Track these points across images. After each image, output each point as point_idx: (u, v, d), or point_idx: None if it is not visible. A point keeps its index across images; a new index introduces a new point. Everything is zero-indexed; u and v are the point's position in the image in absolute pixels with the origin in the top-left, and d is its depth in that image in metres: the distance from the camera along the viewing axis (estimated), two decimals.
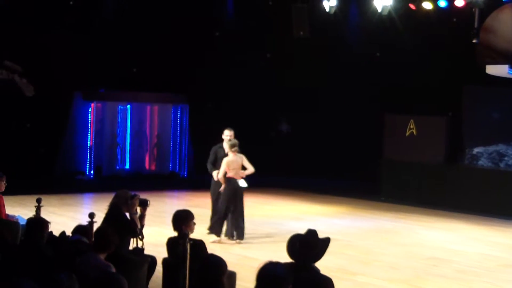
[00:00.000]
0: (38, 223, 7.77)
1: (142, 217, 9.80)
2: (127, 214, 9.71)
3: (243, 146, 14.02)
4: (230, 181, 13.75)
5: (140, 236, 9.67)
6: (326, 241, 6.29)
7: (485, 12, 17.51)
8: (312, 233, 6.27)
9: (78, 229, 8.39)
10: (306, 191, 21.86)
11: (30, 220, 7.86)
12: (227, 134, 14.15)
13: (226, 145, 13.97)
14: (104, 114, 24.28)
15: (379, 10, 19.15)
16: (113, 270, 6.45)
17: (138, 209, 9.83)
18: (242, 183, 13.82)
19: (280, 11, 21.77)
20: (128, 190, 9.92)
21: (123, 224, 9.41)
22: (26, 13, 21.11)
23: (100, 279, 5.24)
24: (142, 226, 9.77)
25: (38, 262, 6.82)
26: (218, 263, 5.66)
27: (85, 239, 7.92)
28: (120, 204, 9.65)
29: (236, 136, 14.11)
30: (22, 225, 9.48)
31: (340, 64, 22.99)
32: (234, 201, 13.75)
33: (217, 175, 13.89)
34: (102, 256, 6.93)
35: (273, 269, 5.19)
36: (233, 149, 13.78)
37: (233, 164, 13.74)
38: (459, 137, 20.61)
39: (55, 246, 7.65)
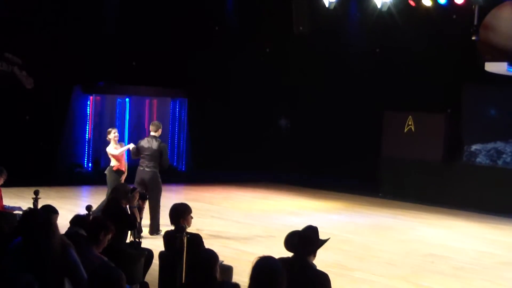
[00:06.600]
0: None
1: (140, 210, 9.82)
2: (127, 208, 9.72)
3: (242, 142, 13.99)
4: None
5: (138, 229, 9.70)
6: (325, 239, 6.32)
7: (485, 9, 17.49)
8: (312, 229, 6.29)
9: (76, 221, 8.35)
10: (304, 187, 21.85)
11: (25, 212, 7.83)
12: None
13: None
14: (103, 107, 24.25)
15: (379, 6, 19.12)
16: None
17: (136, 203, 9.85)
18: None
19: (279, 6, 21.74)
20: (126, 183, 9.95)
21: (122, 217, 9.42)
22: (27, 6, 21.09)
23: (99, 273, 5.23)
24: (141, 219, 9.81)
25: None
26: (208, 256, 5.68)
27: (82, 232, 7.90)
28: (120, 197, 9.65)
29: (230, 131, 14.06)
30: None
31: (340, 60, 22.97)
32: None
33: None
34: (97, 249, 6.91)
35: (267, 262, 5.22)
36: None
37: None
38: (458, 134, 20.60)
39: None
